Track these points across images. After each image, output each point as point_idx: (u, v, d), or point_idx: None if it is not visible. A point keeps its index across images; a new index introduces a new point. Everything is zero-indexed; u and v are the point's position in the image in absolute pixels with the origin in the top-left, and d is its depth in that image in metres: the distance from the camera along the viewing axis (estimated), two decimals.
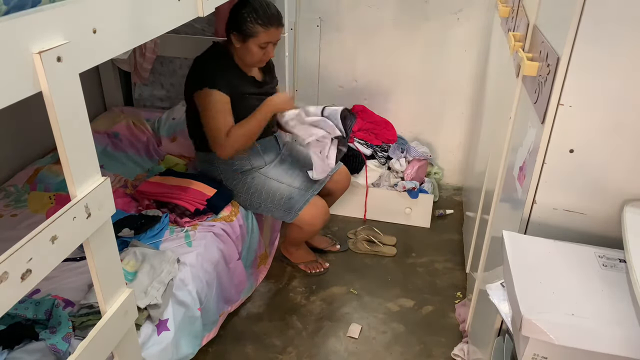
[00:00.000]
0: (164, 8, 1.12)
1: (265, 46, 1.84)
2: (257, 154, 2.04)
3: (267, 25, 1.80)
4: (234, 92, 1.86)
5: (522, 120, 1.32)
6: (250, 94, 1.92)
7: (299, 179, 2.05)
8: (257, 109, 1.88)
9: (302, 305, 2.13)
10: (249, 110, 1.89)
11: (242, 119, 1.88)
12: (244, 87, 1.90)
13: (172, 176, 2.05)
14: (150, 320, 1.46)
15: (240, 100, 1.88)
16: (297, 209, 1.97)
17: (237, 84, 1.88)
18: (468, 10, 2.61)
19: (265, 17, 1.79)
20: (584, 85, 0.99)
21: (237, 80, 1.88)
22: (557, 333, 0.85)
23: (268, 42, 1.83)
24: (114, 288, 1.03)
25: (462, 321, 1.98)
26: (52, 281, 1.51)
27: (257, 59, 1.88)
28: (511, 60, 1.53)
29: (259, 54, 1.85)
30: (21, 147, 2.16)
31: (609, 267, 0.99)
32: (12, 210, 1.87)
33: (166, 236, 1.79)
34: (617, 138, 1.01)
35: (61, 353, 1.26)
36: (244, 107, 1.89)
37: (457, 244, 2.53)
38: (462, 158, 2.97)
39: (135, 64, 2.64)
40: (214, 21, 2.54)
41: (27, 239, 0.77)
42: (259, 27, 1.79)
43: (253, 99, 1.92)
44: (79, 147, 0.86)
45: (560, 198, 1.10)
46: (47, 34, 0.77)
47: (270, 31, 1.82)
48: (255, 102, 1.91)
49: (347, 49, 2.82)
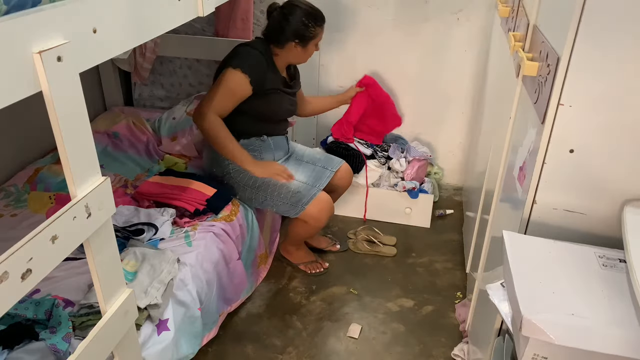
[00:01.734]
0: (164, 8, 1.12)
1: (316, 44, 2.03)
2: (268, 148, 2.10)
3: (322, 24, 1.99)
4: (268, 86, 1.97)
5: (522, 120, 1.32)
6: (280, 91, 2.03)
7: (305, 175, 2.11)
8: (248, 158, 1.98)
9: (302, 305, 2.13)
10: (277, 104, 2.04)
11: (269, 111, 2.03)
12: (278, 83, 2.02)
13: (172, 176, 2.05)
14: (150, 320, 1.46)
15: (271, 93, 2.00)
16: (304, 203, 2.00)
17: (272, 78, 1.99)
18: (468, 10, 2.61)
19: (320, 17, 1.98)
20: (584, 85, 0.99)
21: (273, 76, 1.99)
22: (557, 333, 0.85)
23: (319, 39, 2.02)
24: (114, 288, 1.03)
25: (462, 321, 1.98)
26: (52, 281, 1.51)
27: (306, 57, 2.05)
28: (511, 60, 1.53)
29: (313, 51, 2.04)
30: (21, 147, 2.16)
31: (609, 267, 0.99)
32: (12, 210, 1.87)
33: (166, 236, 1.79)
34: (617, 138, 1.01)
35: (61, 353, 1.26)
36: (273, 100, 2.02)
37: (457, 244, 2.53)
38: (462, 158, 2.97)
39: (135, 64, 2.64)
40: (214, 21, 2.54)
41: (27, 239, 0.77)
42: (318, 29, 1.98)
43: (281, 96, 2.04)
44: (79, 147, 0.86)
45: (560, 198, 1.10)
46: (47, 34, 0.77)
47: (323, 27, 2.01)
48: (282, 99, 2.05)
49: (347, 49, 2.82)
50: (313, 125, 2.98)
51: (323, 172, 2.16)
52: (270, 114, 2.06)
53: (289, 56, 2.01)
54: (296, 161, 2.21)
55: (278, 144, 2.15)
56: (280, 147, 2.17)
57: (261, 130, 2.08)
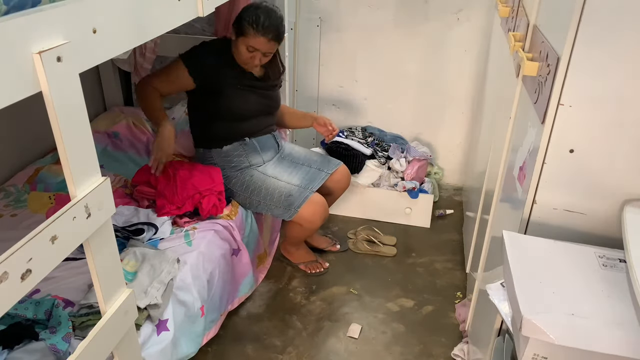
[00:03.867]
0: (164, 8, 1.12)
1: (252, 50, 1.88)
2: (254, 151, 2.06)
3: (258, 32, 1.84)
4: (223, 81, 1.94)
5: (522, 120, 1.32)
6: (246, 87, 1.99)
7: (298, 177, 2.07)
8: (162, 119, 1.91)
9: (302, 305, 2.13)
10: (246, 101, 2.00)
11: (236, 108, 1.98)
12: (234, 78, 1.97)
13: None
14: (150, 320, 1.46)
15: (235, 90, 1.96)
16: (297, 206, 1.98)
17: (227, 74, 1.95)
18: (468, 10, 2.61)
19: (259, 24, 1.84)
20: (584, 85, 0.99)
21: (229, 71, 1.95)
22: (557, 333, 0.85)
23: (255, 48, 1.87)
24: (114, 288, 1.03)
25: (462, 321, 1.98)
26: (52, 281, 1.51)
27: (243, 60, 1.93)
28: (511, 60, 1.53)
29: (246, 55, 1.90)
30: (21, 147, 2.16)
31: (609, 267, 0.99)
32: (12, 210, 1.87)
33: (166, 236, 1.79)
34: (617, 138, 1.01)
35: (61, 353, 1.26)
36: (241, 97, 1.98)
37: (457, 244, 2.53)
38: (462, 158, 2.97)
39: (135, 64, 2.63)
40: (214, 21, 2.54)
41: (27, 239, 0.77)
42: (250, 29, 1.84)
43: (250, 91, 2.00)
44: (79, 147, 0.86)
45: (560, 198, 1.10)
46: (47, 34, 0.77)
47: (258, 39, 1.85)
48: (251, 94, 2.00)
49: (347, 49, 2.82)
50: None
51: (318, 174, 2.12)
52: (239, 111, 2.00)
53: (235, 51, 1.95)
54: (290, 163, 2.16)
55: (264, 144, 2.09)
56: (268, 147, 2.11)
57: (240, 131, 2.03)
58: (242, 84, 1.98)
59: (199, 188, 1.89)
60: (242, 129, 2.04)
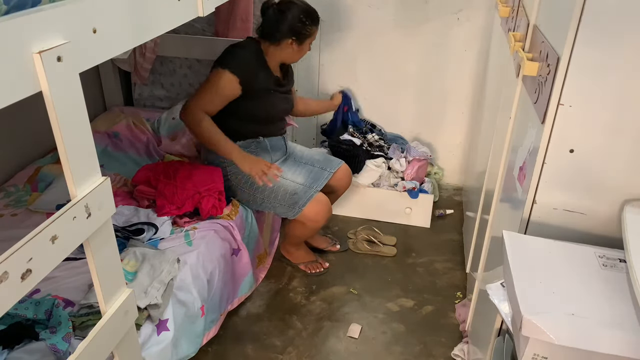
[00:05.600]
0: (164, 8, 1.12)
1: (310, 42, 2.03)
2: (265, 149, 2.08)
3: (315, 25, 1.99)
4: (259, 86, 1.96)
5: (522, 120, 1.32)
6: (274, 91, 2.03)
7: (302, 175, 2.09)
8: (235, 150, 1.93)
9: (302, 305, 2.13)
10: (271, 104, 2.03)
11: (264, 113, 2.02)
12: (270, 83, 2.01)
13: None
14: (150, 320, 1.46)
15: (265, 94, 2.00)
16: (301, 205, 1.99)
17: (264, 78, 1.98)
18: (468, 10, 2.61)
19: (316, 17, 1.99)
20: (584, 85, 0.99)
21: (265, 76, 1.99)
22: (557, 333, 0.85)
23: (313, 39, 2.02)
24: (114, 288, 1.03)
25: (462, 321, 1.98)
26: (52, 281, 1.51)
27: (298, 57, 2.04)
28: (511, 60, 1.53)
29: (306, 51, 2.04)
30: (21, 147, 2.16)
31: (609, 267, 0.99)
32: (12, 210, 1.87)
33: (166, 236, 1.79)
34: (617, 138, 1.01)
35: (61, 353, 1.26)
36: (267, 101, 2.01)
37: (457, 244, 2.53)
38: (462, 158, 2.97)
39: (135, 64, 2.64)
40: (214, 21, 2.54)
41: (27, 239, 0.77)
42: (314, 28, 1.99)
43: (275, 95, 2.04)
44: (79, 147, 0.86)
45: (560, 198, 1.10)
46: (47, 34, 0.77)
47: (318, 27, 2.03)
48: (275, 99, 2.04)
49: (347, 49, 2.82)
50: (313, 126, 2.98)
51: (321, 173, 2.14)
52: (265, 115, 2.04)
53: (282, 54, 2.00)
54: (294, 162, 2.19)
55: (275, 145, 2.13)
56: (278, 147, 2.15)
57: (257, 131, 2.06)
58: (274, 88, 2.02)
59: (199, 188, 1.89)
60: (262, 130, 2.07)
